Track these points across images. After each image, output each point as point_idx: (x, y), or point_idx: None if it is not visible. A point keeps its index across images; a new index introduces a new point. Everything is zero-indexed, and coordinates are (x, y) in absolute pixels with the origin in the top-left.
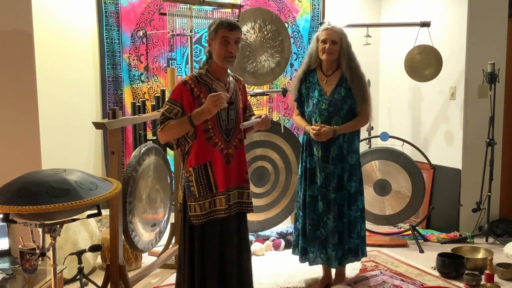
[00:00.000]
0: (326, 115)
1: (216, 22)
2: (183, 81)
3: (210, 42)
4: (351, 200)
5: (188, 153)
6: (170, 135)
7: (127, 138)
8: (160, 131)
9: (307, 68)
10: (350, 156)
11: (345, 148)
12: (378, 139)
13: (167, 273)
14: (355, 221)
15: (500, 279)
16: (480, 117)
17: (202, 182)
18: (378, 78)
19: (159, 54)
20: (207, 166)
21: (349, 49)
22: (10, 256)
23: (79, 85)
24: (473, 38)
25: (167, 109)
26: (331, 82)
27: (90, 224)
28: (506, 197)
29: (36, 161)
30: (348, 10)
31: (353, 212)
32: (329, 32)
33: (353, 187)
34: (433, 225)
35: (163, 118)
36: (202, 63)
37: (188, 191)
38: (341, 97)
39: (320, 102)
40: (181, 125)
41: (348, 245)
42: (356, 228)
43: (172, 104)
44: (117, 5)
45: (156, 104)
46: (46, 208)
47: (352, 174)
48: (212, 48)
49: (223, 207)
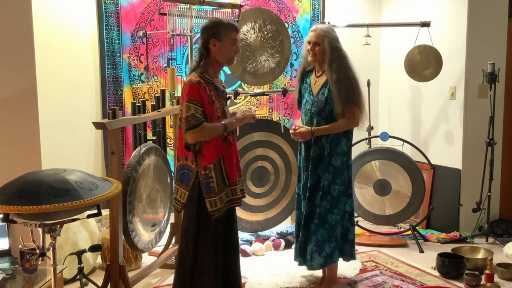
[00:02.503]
0: (309, 115)
1: (223, 23)
2: (197, 81)
3: (214, 42)
4: (333, 203)
5: (200, 151)
6: (205, 137)
7: (127, 138)
8: (195, 132)
9: (303, 70)
10: (334, 158)
11: (327, 149)
12: (378, 139)
13: (167, 273)
14: (336, 225)
15: (500, 279)
16: (480, 117)
17: (219, 177)
18: (378, 78)
19: (159, 54)
20: (221, 161)
21: (332, 50)
22: (10, 256)
23: (79, 85)
24: (473, 38)
25: (195, 110)
26: (319, 83)
27: (90, 224)
28: (506, 197)
29: (36, 161)
30: (348, 10)
31: (335, 216)
32: (311, 34)
33: (336, 190)
34: (433, 225)
35: (197, 120)
36: (196, 62)
37: (207, 187)
38: (324, 98)
39: (307, 103)
40: (216, 130)
41: (326, 250)
42: (335, 233)
43: (196, 105)
44: (117, 5)
45: (156, 104)
46: (46, 208)
47: (336, 177)
48: (217, 48)
49: (238, 196)
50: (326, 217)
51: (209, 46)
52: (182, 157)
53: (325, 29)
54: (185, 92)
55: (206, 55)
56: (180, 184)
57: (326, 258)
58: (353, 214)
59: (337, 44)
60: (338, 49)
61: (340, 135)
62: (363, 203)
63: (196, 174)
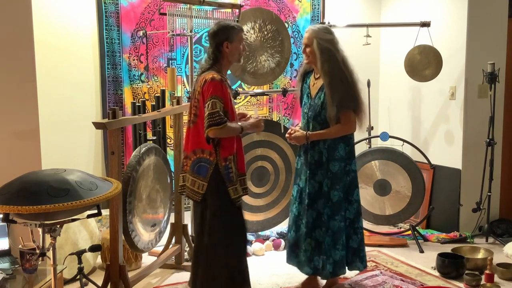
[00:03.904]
0: (306, 119)
1: (232, 26)
2: (220, 79)
3: (227, 45)
4: (334, 209)
5: (219, 144)
6: (224, 135)
7: (127, 138)
8: (218, 129)
9: (304, 71)
10: (332, 164)
11: (325, 154)
12: (378, 139)
13: (167, 273)
14: (339, 231)
15: (500, 279)
16: (480, 117)
17: (235, 167)
18: (378, 78)
19: (159, 54)
20: (235, 153)
21: (322, 51)
22: (10, 256)
23: (79, 85)
24: (473, 38)
25: (220, 107)
26: (317, 86)
27: (90, 224)
28: (506, 197)
29: (36, 161)
30: (348, 10)
31: (337, 222)
32: (304, 36)
33: (336, 196)
34: (433, 225)
35: (221, 118)
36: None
37: (228, 177)
38: (320, 102)
39: (305, 106)
40: (235, 131)
41: (333, 257)
42: (341, 239)
43: (220, 102)
44: (117, 5)
45: (156, 104)
46: (46, 208)
47: (335, 183)
48: (230, 49)
49: (246, 186)
50: (328, 224)
51: (222, 49)
52: (198, 150)
53: (316, 30)
54: (209, 89)
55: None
56: (197, 177)
57: (335, 266)
58: (355, 221)
59: (327, 45)
60: (329, 50)
61: (337, 140)
62: (363, 203)
63: (215, 165)
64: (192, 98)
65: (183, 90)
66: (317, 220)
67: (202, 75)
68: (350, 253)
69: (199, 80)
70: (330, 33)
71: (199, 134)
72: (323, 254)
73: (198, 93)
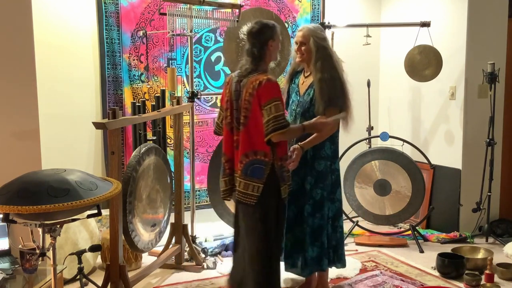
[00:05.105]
0: (294, 115)
1: (273, 24)
2: (275, 81)
3: (271, 43)
4: (315, 207)
5: (276, 144)
6: (286, 138)
7: (127, 138)
8: (281, 133)
9: (292, 70)
10: (318, 162)
11: (310, 153)
12: (378, 139)
13: (167, 273)
14: (319, 229)
15: (500, 279)
16: (480, 117)
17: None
18: (378, 78)
19: (159, 54)
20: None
21: (318, 49)
22: (10, 256)
23: (79, 85)
24: (473, 38)
25: (282, 109)
26: (307, 83)
27: (90, 224)
28: (506, 197)
29: (36, 161)
30: (348, 10)
31: (317, 220)
32: (298, 34)
33: (319, 194)
34: (433, 225)
35: (286, 121)
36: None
37: (282, 176)
38: (309, 98)
39: (293, 103)
40: (296, 133)
41: (310, 254)
42: (320, 237)
43: (282, 103)
44: (117, 5)
45: (156, 104)
46: (46, 208)
47: (319, 181)
48: (273, 48)
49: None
50: (308, 221)
51: (266, 48)
52: (250, 153)
53: (312, 28)
54: (268, 90)
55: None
56: (251, 179)
57: (313, 263)
58: (336, 219)
59: (323, 44)
60: (324, 48)
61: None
62: (363, 203)
63: (271, 166)
64: (235, 100)
65: (183, 90)
66: (298, 217)
67: (251, 77)
68: (332, 251)
69: (247, 83)
70: (324, 32)
71: (250, 137)
72: (301, 250)
73: (249, 95)
